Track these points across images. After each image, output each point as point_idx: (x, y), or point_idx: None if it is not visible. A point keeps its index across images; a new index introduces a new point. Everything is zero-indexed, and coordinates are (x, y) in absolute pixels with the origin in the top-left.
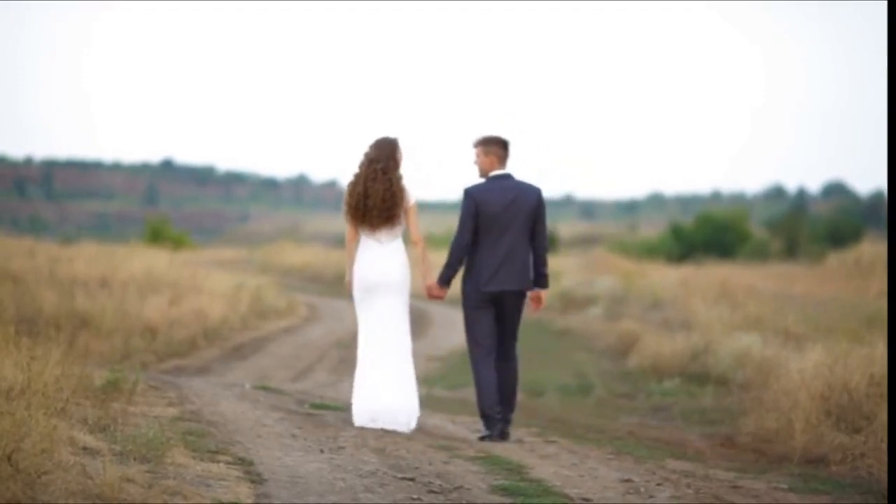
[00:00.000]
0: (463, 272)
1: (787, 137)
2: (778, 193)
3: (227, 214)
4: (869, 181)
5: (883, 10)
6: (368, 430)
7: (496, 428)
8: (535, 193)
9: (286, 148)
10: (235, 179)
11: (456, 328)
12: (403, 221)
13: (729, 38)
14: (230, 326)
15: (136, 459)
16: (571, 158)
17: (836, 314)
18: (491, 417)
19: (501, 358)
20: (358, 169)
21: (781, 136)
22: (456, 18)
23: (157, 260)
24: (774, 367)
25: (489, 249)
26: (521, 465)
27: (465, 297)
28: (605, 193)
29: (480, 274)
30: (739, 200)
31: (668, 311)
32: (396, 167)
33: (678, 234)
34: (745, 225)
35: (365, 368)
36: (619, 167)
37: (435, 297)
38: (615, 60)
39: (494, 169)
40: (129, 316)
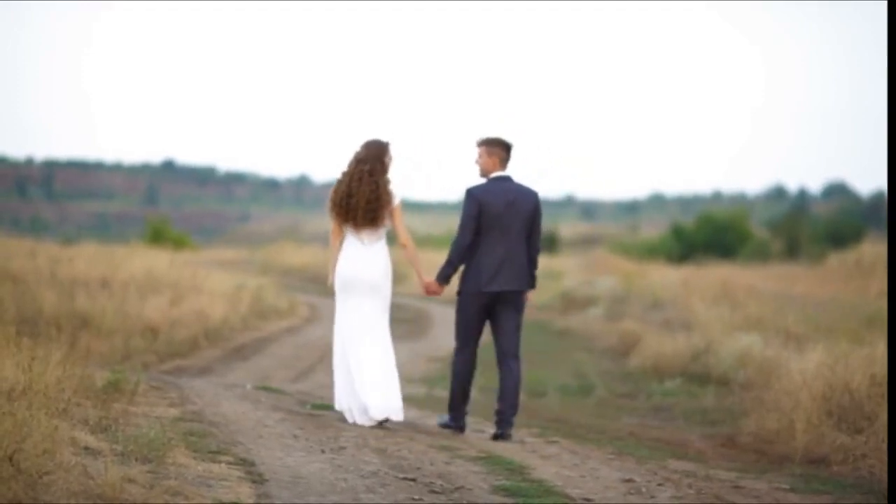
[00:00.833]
0: (462, 272)
1: (787, 137)
2: (779, 194)
3: (227, 215)
4: (869, 181)
5: (883, 10)
6: (369, 430)
7: (461, 421)
8: (533, 196)
9: (287, 148)
10: (236, 180)
11: None
12: (388, 223)
13: (729, 38)
14: (231, 327)
15: (137, 460)
16: (572, 158)
17: (836, 314)
18: (460, 413)
19: (503, 359)
20: (346, 167)
21: (782, 136)
22: (456, 19)
23: (157, 260)
24: (775, 367)
25: (489, 250)
26: (522, 465)
27: (462, 296)
28: (605, 194)
29: (481, 274)
30: (740, 201)
31: (668, 311)
32: (384, 170)
33: (679, 234)
34: (745, 225)
35: (349, 367)
36: (619, 167)
37: (433, 293)
38: (615, 60)
39: (496, 170)
40: (129, 316)
